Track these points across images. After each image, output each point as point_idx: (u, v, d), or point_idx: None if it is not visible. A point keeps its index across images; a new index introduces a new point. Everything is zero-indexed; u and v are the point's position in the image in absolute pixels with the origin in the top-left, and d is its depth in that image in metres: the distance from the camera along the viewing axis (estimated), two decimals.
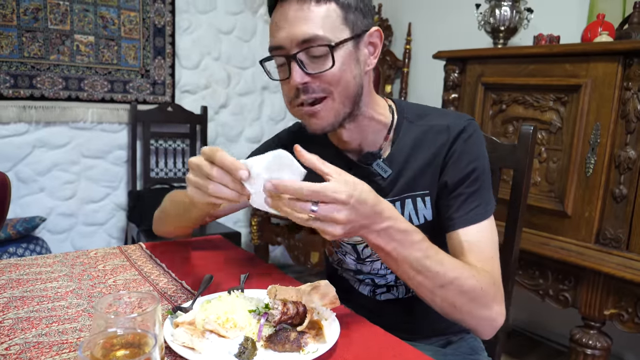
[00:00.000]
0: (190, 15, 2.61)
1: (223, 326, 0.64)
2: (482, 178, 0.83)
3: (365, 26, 0.79)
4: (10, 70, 2.15)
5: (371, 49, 0.82)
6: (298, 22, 0.74)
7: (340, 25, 0.75)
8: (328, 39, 0.74)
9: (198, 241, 1.14)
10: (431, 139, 0.85)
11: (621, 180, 1.47)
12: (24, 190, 2.27)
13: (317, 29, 0.74)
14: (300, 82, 0.75)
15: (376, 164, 0.86)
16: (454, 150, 0.83)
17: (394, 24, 2.81)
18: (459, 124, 0.84)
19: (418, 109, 0.91)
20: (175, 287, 0.85)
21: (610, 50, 1.49)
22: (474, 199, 0.81)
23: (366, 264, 0.93)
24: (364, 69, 0.80)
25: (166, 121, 2.54)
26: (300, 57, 0.75)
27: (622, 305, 1.48)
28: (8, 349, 0.62)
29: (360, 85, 0.80)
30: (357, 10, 0.77)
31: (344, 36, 0.76)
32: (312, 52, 0.75)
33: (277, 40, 0.76)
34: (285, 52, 0.76)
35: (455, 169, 0.82)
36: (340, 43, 0.75)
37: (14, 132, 2.21)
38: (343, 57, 0.76)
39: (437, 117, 0.88)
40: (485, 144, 0.87)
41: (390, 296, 0.95)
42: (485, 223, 0.80)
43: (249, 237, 2.86)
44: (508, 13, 1.96)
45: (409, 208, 0.86)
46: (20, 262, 0.93)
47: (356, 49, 0.78)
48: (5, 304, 0.74)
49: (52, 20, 2.21)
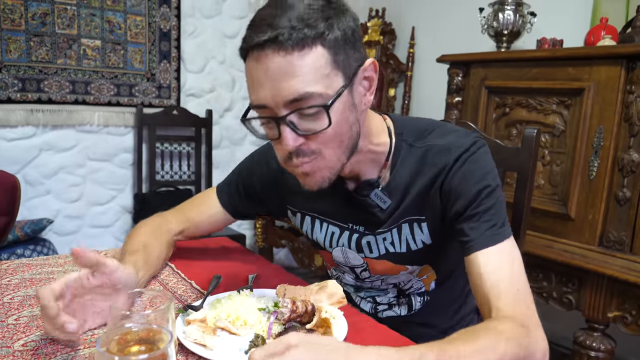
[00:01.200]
0: (196, 20, 2.64)
1: (234, 324, 0.65)
2: (494, 196, 0.74)
3: (358, 60, 0.69)
4: (19, 74, 2.18)
5: (366, 84, 0.72)
6: (282, 78, 0.63)
7: (331, 72, 0.65)
8: (321, 96, 0.64)
9: (205, 242, 1.16)
10: (431, 162, 0.78)
11: (624, 183, 1.48)
12: (31, 192, 2.29)
13: (307, 85, 0.63)
14: (294, 146, 0.66)
15: (374, 195, 0.80)
16: (456, 173, 0.75)
17: (398, 27, 2.83)
18: (460, 145, 0.77)
19: (419, 127, 0.82)
20: (185, 286, 0.87)
21: (613, 53, 1.50)
22: (487, 218, 0.73)
23: (366, 282, 0.93)
24: (360, 110, 0.71)
25: (171, 124, 2.56)
26: (291, 118, 0.65)
27: (625, 308, 1.48)
28: (25, 345, 0.63)
29: (357, 132, 0.72)
30: (347, 44, 0.66)
31: (338, 85, 0.65)
32: (304, 111, 0.65)
33: (258, 99, 0.66)
34: (271, 112, 0.66)
35: (462, 192, 0.74)
36: (334, 100, 0.65)
37: (21, 135, 2.24)
38: (339, 111, 0.66)
39: (438, 135, 0.79)
40: (492, 160, 0.79)
41: (392, 314, 0.94)
42: (504, 244, 0.72)
43: (253, 239, 2.88)
44: (511, 17, 1.98)
45: (406, 232, 0.82)
46: (32, 262, 0.95)
47: (351, 93, 0.68)
48: (20, 302, 0.76)
49: (60, 25, 2.24)
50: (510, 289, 0.68)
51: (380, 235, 0.84)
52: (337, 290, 0.74)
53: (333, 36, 0.64)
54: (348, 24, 0.67)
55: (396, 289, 0.92)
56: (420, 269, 0.87)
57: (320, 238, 0.91)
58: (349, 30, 0.66)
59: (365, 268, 0.89)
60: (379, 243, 0.84)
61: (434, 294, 0.92)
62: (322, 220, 0.90)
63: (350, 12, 0.69)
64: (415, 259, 0.85)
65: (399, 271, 0.87)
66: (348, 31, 0.66)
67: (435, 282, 0.91)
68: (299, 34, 0.62)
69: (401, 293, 0.92)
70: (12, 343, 0.63)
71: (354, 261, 0.89)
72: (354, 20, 0.69)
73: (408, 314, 0.93)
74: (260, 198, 0.96)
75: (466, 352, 0.57)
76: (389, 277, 0.89)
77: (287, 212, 0.96)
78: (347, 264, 0.91)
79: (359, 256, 0.88)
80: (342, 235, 0.88)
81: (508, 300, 0.67)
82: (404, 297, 0.93)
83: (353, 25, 0.68)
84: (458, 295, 0.96)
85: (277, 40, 0.62)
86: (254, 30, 0.64)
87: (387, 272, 0.88)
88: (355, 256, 0.88)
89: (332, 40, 0.64)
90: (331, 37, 0.64)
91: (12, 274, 0.88)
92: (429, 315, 0.93)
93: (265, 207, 0.99)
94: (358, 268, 0.90)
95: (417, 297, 0.92)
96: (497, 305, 0.67)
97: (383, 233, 0.84)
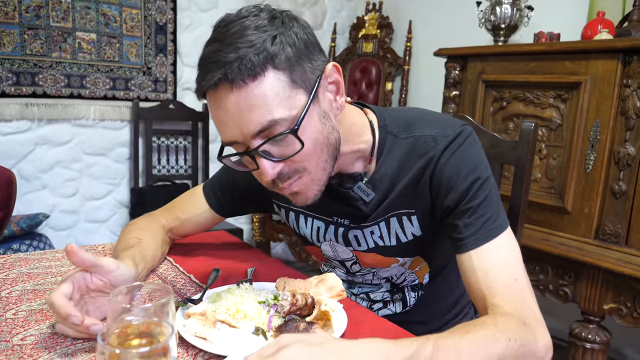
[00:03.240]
0: (192, 13, 2.62)
1: (234, 317, 0.65)
2: (486, 187, 0.72)
3: (317, 70, 0.66)
4: (13, 67, 2.16)
5: (333, 89, 0.69)
6: (243, 114, 0.61)
7: (291, 93, 0.62)
8: (286, 120, 0.62)
9: (203, 236, 1.16)
10: (417, 153, 0.75)
11: (620, 177, 1.49)
12: (27, 187, 2.28)
13: (269, 113, 0.61)
14: (273, 174, 0.66)
15: (357, 187, 0.78)
16: (445, 165, 0.73)
17: (395, 21, 2.83)
18: (446, 135, 0.74)
19: (404, 117, 0.80)
20: (184, 280, 0.87)
21: (610, 47, 1.50)
22: (482, 213, 0.70)
23: (357, 276, 0.92)
24: (334, 115, 0.70)
25: (168, 118, 2.55)
26: (264, 148, 0.64)
27: (621, 300, 1.50)
28: (24, 339, 0.63)
29: (336, 139, 0.70)
30: (301, 58, 0.64)
31: (301, 103, 0.63)
32: (274, 139, 0.63)
33: (227, 137, 0.65)
34: (243, 146, 0.65)
35: (453, 186, 0.72)
36: (301, 120, 0.63)
37: (16, 130, 2.22)
38: (309, 128, 0.65)
39: (425, 125, 0.77)
40: (482, 150, 0.76)
41: (387, 312, 0.94)
42: (500, 239, 0.69)
43: (250, 233, 2.88)
44: (509, 11, 1.98)
45: (395, 226, 0.81)
46: (29, 257, 0.94)
47: (318, 104, 0.66)
48: (18, 297, 0.76)
49: (54, 18, 2.22)
50: (508, 286, 0.66)
51: (367, 228, 0.83)
52: (336, 284, 0.74)
53: (284, 55, 0.62)
54: (298, 36, 0.64)
55: (389, 283, 0.92)
56: (412, 260, 0.86)
57: (307, 233, 0.90)
58: (300, 43, 0.64)
59: (355, 261, 0.89)
60: (367, 237, 0.84)
61: (428, 288, 0.92)
62: (307, 215, 0.89)
63: (299, 21, 0.66)
64: (406, 251, 0.84)
65: (390, 264, 0.86)
66: (300, 44, 0.64)
67: (429, 274, 0.90)
68: (247, 64, 0.60)
69: (394, 287, 0.92)
70: (10, 337, 0.63)
71: (343, 254, 0.89)
72: (304, 28, 0.66)
73: (403, 311, 0.93)
74: (246, 195, 0.93)
75: (463, 344, 0.56)
76: (380, 270, 0.89)
77: (273, 208, 0.95)
78: (336, 257, 0.90)
79: (348, 249, 0.87)
80: (328, 229, 0.87)
81: (505, 297, 0.65)
82: (397, 291, 0.92)
83: (304, 36, 0.65)
84: (453, 289, 0.95)
85: (227, 78, 0.60)
86: (203, 71, 0.63)
87: (377, 265, 0.87)
88: (344, 249, 0.88)
89: (284, 61, 0.62)
90: (282, 57, 0.62)
91: (9, 268, 0.88)
92: (425, 312, 0.93)
93: (252, 204, 0.97)
94: (348, 262, 0.90)
95: (411, 292, 0.92)
96: (493, 302, 0.65)
97: (370, 226, 0.82)
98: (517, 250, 0.71)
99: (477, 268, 0.68)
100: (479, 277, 0.68)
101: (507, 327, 0.60)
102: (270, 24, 0.63)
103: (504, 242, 0.70)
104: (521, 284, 0.67)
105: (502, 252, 0.69)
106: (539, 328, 0.64)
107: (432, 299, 0.93)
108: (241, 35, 0.61)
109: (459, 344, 0.56)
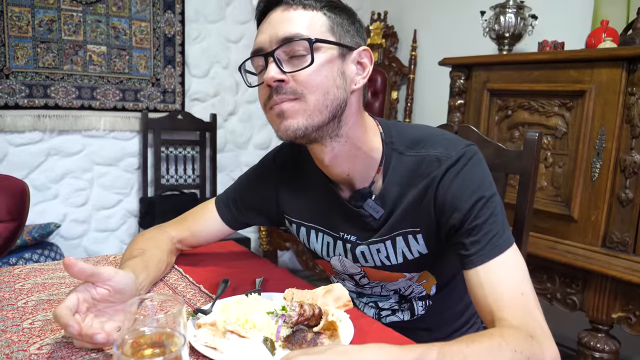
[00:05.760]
0: (200, 25, 2.66)
1: (243, 327, 0.67)
2: (490, 205, 0.73)
3: (353, 43, 0.75)
4: (26, 80, 2.21)
5: (359, 68, 0.76)
6: (280, 24, 0.71)
7: (325, 32, 0.72)
8: (308, 37, 0.70)
9: (212, 246, 1.17)
10: (421, 173, 0.77)
11: (627, 185, 1.49)
12: (39, 197, 2.32)
13: (299, 29, 0.70)
14: (273, 77, 0.70)
15: (367, 205, 0.80)
16: (449, 186, 0.74)
17: (400, 30, 2.85)
18: (450, 156, 0.75)
19: (411, 135, 0.81)
20: (194, 290, 0.88)
21: (614, 56, 1.51)
22: (487, 230, 0.71)
23: (366, 288, 0.94)
24: (349, 85, 0.75)
25: (176, 129, 2.59)
26: (279, 54, 0.71)
27: (629, 309, 1.49)
28: (40, 348, 0.65)
29: (342, 100, 0.73)
30: (346, 23, 0.75)
31: (328, 45, 0.72)
32: (292, 52, 0.71)
33: (257, 43, 0.74)
34: (263, 52, 0.73)
35: (457, 206, 0.74)
36: (321, 41, 0.71)
37: (28, 141, 2.26)
38: (324, 59, 0.71)
39: (430, 145, 0.78)
40: (487, 168, 0.77)
41: (395, 319, 0.94)
42: (506, 255, 0.70)
43: (258, 242, 2.89)
44: (513, 20, 1.99)
45: (401, 245, 0.82)
46: (44, 267, 0.97)
47: (341, 59, 0.74)
48: (34, 307, 0.78)
49: (66, 32, 2.27)
50: (515, 300, 0.67)
51: (374, 245, 0.84)
52: (343, 294, 0.75)
53: (334, 11, 0.74)
54: (349, 14, 0.77)
55: (397, 295, 0.93)
56: (419, 274, 0.87)
57: (318, 248, 0.92)
58: (353, 17, 0.77)
59: (363, 275, 0.90)
60: (374, 254, 0.85)
61: (436, 298, 0.92)
62: (317, 230, 0.91)
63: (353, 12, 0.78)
64: (413, 267, 0.85)
65: (397, 278, 0.87)
66: (352, 17, 0.76)
67: (435, 286, 0.91)
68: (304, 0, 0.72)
69: (402, 298, 0.93)
70: (27, 347, 0.65)
71: (351, 269, 0.91)
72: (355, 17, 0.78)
73: (411, 319, 0.93)
74: (258, 209, 0.97)
75: (469, 352, 0.56)
76: (388, 284, 0.90)
77: (285, 222, 0.98)
78: (345, 272, 0.92)
79: (356, 265, 0.89)
80: (337, 245, 0.89)
81: (512, 311, 0.66)
82: (405, 302, 0.93)
83: (357, 18, 0.78)
84: (461, 298, 0.96)
85: (283, 1, 0.73)
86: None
87: (385, 279, 0.89)
88: (352, 265, 0.90)
89: (333, 14, 0.73)
90: (333, 10, 0.74)
91: (24, 278, 0.90)
92: (433, 320, 0.94)
93: (263, 218, 0.99)
94: (356, 275, 0.91)
95: (419, 302, 0.93)
96: (500, 316, 0.66)
97: (376, 243, 0.84)
98: (523, 265, 0.72)
99: (484, 283, 0.69)
100: (486, 292, 0.69)
101: (513, 339, 0.60)
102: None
103: (510, 257, 0.71)
104: (528, 298, 0.68)
105: (508, 267, 0.70)
106: (546, 340, 0.64)
107: (440, 309, 0.94)
108: None
109: (464, 351, 0.56)
